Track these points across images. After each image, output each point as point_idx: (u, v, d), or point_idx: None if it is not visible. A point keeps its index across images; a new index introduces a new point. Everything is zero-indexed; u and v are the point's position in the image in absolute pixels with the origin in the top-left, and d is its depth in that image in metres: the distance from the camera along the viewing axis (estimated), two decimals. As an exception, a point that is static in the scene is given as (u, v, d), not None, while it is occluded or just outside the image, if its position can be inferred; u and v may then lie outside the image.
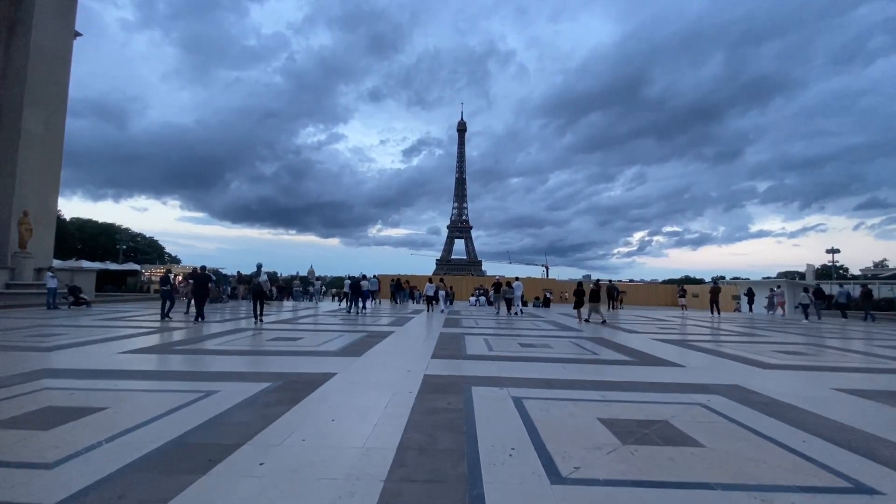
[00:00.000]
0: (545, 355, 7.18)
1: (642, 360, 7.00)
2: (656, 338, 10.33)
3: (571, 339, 9.46)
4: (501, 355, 7.03)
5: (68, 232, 67.39)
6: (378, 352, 7.17)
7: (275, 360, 6.36)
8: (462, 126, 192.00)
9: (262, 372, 5.42)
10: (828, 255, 42.01)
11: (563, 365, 6.27)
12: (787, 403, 4.44)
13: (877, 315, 18.88)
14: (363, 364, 6.07)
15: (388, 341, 8.51)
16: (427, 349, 7.51)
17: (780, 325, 15.33)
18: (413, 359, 6.56)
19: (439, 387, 4.77)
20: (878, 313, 20.09)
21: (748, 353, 7.89)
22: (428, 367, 5.84)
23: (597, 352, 7.74)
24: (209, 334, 9.20)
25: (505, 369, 5.82)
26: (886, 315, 20.76)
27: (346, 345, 7.84)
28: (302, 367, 5.77)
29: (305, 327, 11.20)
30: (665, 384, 5.22)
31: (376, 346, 7.82)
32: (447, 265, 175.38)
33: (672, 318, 18.10)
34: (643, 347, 8.43)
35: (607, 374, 5.71)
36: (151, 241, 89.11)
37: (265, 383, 4.75)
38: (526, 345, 8.36)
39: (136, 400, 4.08)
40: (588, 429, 3.47)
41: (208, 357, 6.49)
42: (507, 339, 9.40)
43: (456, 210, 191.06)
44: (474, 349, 7.62)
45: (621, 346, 8.48)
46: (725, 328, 13.88)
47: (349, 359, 6.40)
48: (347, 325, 11.74)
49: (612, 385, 5.07)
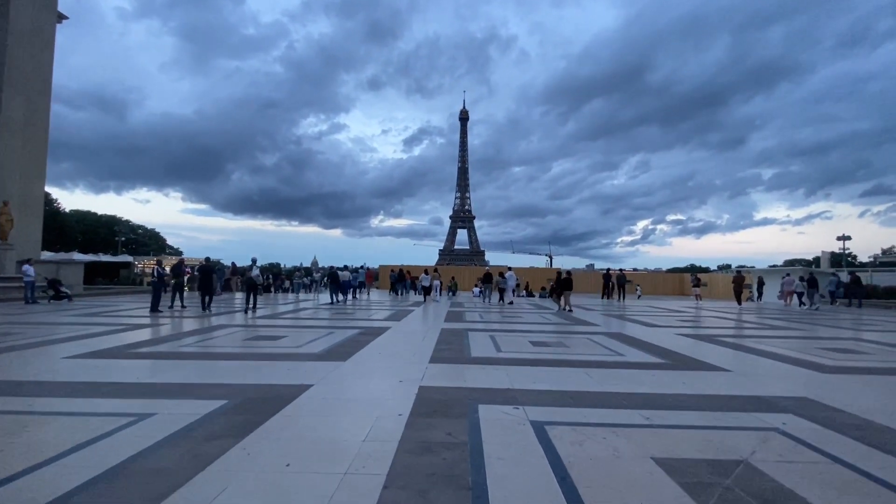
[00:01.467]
0: (563, 357, 6.18)
1: (677, 362, 5.98)
2: (680, 332, 9.30)
3: (588, 336, 8.45)
4: (512, 358, 6.03)
5: (68, 224, 67.02)
6: (368, 354, 6.19)
7: (243, 367, 5.39)
8: (464, 115, 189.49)
9: (221, 385, 4.44)
10: (836, 242, 40.74)
11: (586, 371, 5.26)
12: (882, 426, 3.42)
13: (863, 302, 20.03)
14: (347, 371, 5.08)
15: (381, 340, 7.53)
16: (425, 350, 6.53)
17: (800, 316, 14.25)
18: (408, 363, 5.57)
19: (437, 405, 3.77)
20: (879, 301, 21.19)
21: (794, 352, 6.86)
22: (424, 376, 4.84)
23: (621, 352, 6.73)
24: (183, 332, 8.25)
25: (518, 378, 4.82)
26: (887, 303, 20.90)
27: (333, 345, 6.86)
28: (273, 376, 4.79)
29: (293, 323, 10.25)
30: (718, 398, 4.20)
31: (368, 345, 6.84)
32: (450, 255, 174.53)
33: (688, 309, 17.06)
34: (671, 345, 7.41)
35: (644, 384, 4.70)
36: (153, 233, 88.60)
37: (218, 402, 3.76)
38: (538, 343, 7.35)
39: (37, 430, 3.11)
40: (645, 479, 2.46)
41: (166, 364, 5.52)
42: (516, 336, 8.40)
43: (458, 200, 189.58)
44: (480, 350, 6.63)
45: (647, 344, 7.46)
46: (750, 320, 12.82)
47: (332, 364, 5.41)
48: (340, 321, 10.78)
49: (655, 401, 4.05)
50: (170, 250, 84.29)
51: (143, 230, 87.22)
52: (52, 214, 59.58)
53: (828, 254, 32.86)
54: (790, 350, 7.12)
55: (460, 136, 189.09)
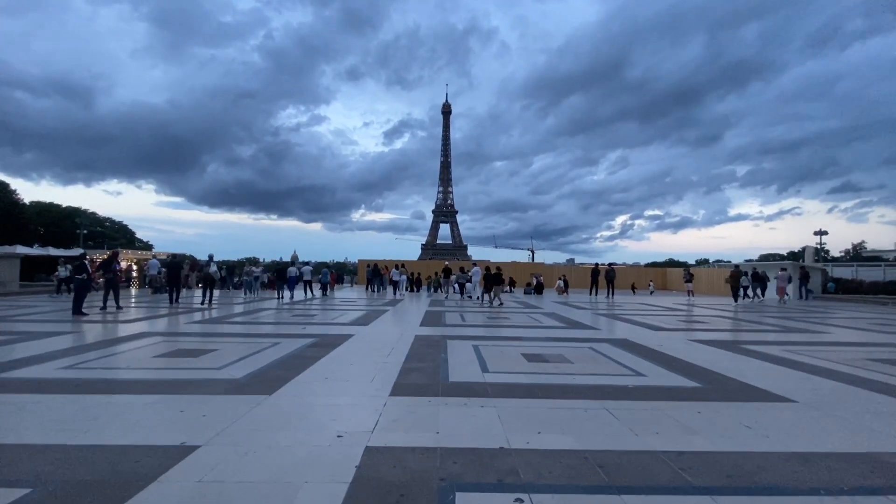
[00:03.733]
0: (569, 380, 4.71)
1: (716, 385, 4.59)
2: (694, 338, 8.00)
3: (591, 346, 7.03)
4: (503, 383, 4.53)
5: (27, 217, 62.93)
6: (309, 380, 4.58)
7: (111, 408, 3.71)
8: (447, 108, 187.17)
9: (42, 448, 2.78)
10: (806, 237, 40.81)
11: (605, 406, 3.80)
12: None
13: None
14: (263, 416, 3.48)
15: (336, 354, 5.94)
16: (388, 371, 4.97)
17: (806, 313, 13.25)
18: (360, 396, 4.01)
19: (386, 494, 2.23)
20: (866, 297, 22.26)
21: (847, 366, 5.57)
22: (378, 423, 3.29)
23: (639, 369, 5.31)
24: (87, 344, 6.46)
25: (515, 423, 3.32)
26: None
27: (268, 365, 5.22)
28: (140, 430, 3.15)
29: (236, 330, 8.53)
30: (819, 459, 2.78)
31: (314, 365, 5.23)
32: (433, 250, 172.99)
33: (685, 307, 15.97)
34: (695, 358, 6.05)
35: (694, 429, 3.25)
36: (120, 225, 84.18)
37: (17, 492, 2.13)
38: (534, 358, 5.88)
39: None
40: None
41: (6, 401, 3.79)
42: (505, 345, 6.92)
43: (441, 194, 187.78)
44: (461, 369, 5.11)
45: (665, 357, 6.09)
46: (759, 320, 11.68)
47: (249, 401, 3.80)
48: (295, 326, 9.11)
49: (725, 465, 2.60)
50: (139, 244, 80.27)
51: (110, 223, 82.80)
52: (9, 206, 55.63)
53: (811, 248, 32.61)
54: (840, 363, 5.84)
55: (443, 129, 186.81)
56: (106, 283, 11.70)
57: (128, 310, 11.70)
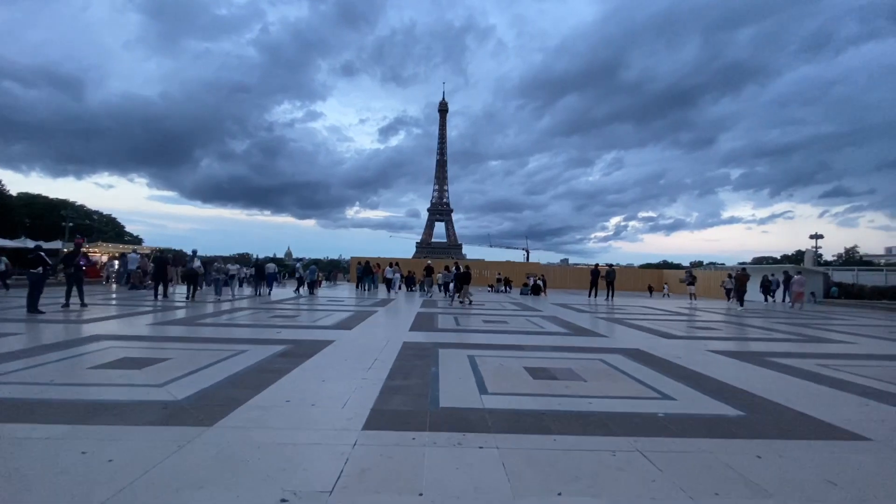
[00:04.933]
0: (585, 405, 3.87)
1: (765, 415, 3.77)
2: (714, 348, 7.21)
3: (602, 358, 6.20)
4: (507, 411, 3.69)
5: (13, 208, 61.64)
6: (265, 405, 3.71)
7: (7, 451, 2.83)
8: (444, 106, 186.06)
9: None
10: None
11: (636, 444, 2.96)
12: None
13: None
14: (186, 467, 2.60)
15: (307, 366, 5.07)
16: (366, 392, 4.11)
17: (818, 320, 12.57)
18: (322, 433, 3.14)
19: None
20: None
21: None
22: (342, 475, 2.43)
23: (665, 390, 4.49)
24: (14, 351, 5.53)
25: (525, 475, 2.48)
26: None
27: (222, 381, 4.34)
28: (7, 493, 2.29)
29: (202, 334, 7.61)
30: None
31: (278, 381, 4.36)
32: (428, 248, 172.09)
33: (691, 311, 15.24)
34: (724, 374, 5.25)
35: (761, 489, 2.42)
36: (109, 218, 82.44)
37: None
38: (538, 372, 5.04)
39: None
40: None
41: None
42: (506, 356, 6.07)
43: (437, 192, 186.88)
44: (454, 390, 4.26)
45: (690, 374, 5.28)
46: (776, 328, 10.94)
47: (181, 436, 2.92)
48: (270, 329, 8.20)
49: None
50: (128, 237, 78.70)
51: (98, 216, 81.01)
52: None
53: (812, 252, 32.11)
54: (889, 381, 5.07)
55: (439, 127, 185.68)
56: (68, 279, 10.72)
57: (94, 308, 10.74)
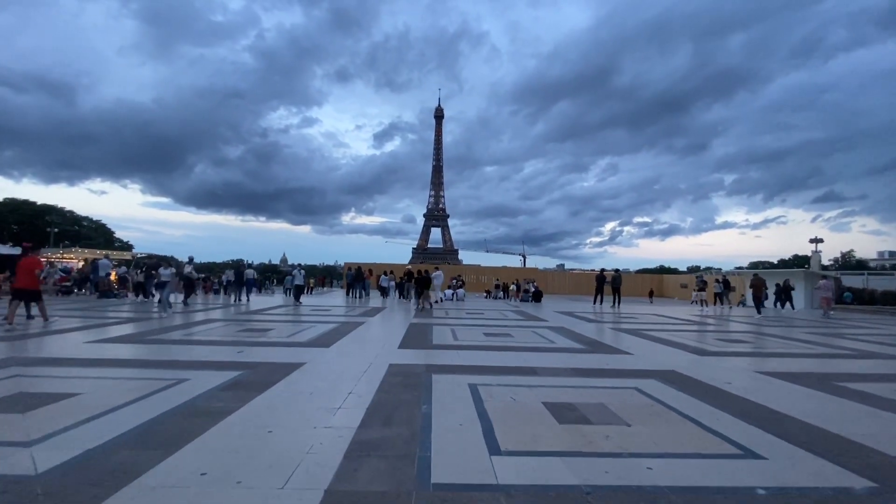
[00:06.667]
0: (641, 477, 2.60)
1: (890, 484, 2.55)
2: (763, 369, 5.99)
3: (635, 384, 4.95)
4: (529, 486, 2.44)
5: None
6: (170, 480, 2.42)
7: None
8: (439, 112, 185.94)
9: None
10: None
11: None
12: None
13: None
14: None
15: (253, 410, 3.79)
16: (326, 452, 2.84)
17: (849, 328, 11.40)
18: None
19: None
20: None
21: None
22: None
23: (742, 440, 3.24)
24: None
25: None
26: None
27: (121, 435, 3.03)
28: None
29: (136, 354, 6.31)
30: None
31: (201, 436, 3.08)
32: (424, 254, 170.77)
33: (708, 320, 14.04)
34: (804, 412, 4.02)
35: None
36: (98, 224, 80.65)
37: None
38: (563, 411, 3.78)
39: None
40: None
41: None
42: (518, 384, 4.80)
43: (433, 198, 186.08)
44: (452, 445, 3.00)
45: (760, 412, 4.05)
46: (812, 340, 9.73)
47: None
48: (228, 349, 6.88)
49: None
50: (118, 244, 76.93)
51: (88, 222, 79.29)
52: (-21, 203, 53.61)
53: (819, 256, 31.15)
54: None
55: (435, 133, 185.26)
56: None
57: (39, 320, 9.39)
